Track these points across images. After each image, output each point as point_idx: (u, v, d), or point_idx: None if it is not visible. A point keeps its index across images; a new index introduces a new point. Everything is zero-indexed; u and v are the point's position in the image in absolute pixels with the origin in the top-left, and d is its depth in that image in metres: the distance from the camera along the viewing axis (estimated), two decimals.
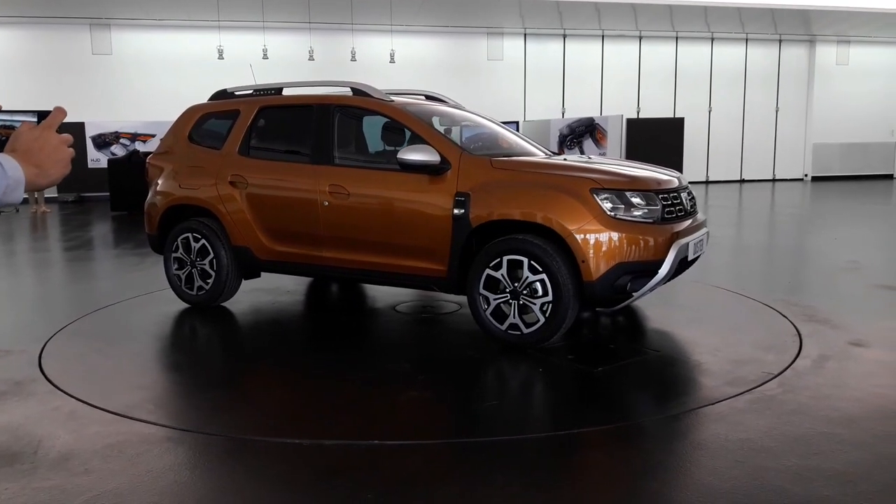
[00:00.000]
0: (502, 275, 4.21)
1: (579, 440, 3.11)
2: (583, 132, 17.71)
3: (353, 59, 15.26)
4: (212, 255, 5.28)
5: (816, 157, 20.89)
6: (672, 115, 19.38)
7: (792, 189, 18.00)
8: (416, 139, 4.59)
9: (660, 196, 4.24)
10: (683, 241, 4.25)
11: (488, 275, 4.25)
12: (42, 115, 2.49)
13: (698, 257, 4.64)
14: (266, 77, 17.60)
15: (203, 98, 5.88)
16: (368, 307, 5.68)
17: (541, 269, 4.09)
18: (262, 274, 5.61)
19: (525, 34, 18.92)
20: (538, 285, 4.12)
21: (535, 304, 4.15)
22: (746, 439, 2.96)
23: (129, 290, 6.20)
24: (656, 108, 19.53)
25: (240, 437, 3.11)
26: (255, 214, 5.14)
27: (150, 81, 16.74)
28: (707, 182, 20.06)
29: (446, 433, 3.28)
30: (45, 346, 4.50)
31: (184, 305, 5.54)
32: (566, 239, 4.04)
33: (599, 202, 4.05)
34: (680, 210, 4.41)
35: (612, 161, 5.20)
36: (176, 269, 5.47)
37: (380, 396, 3.64)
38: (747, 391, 3.52)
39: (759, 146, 20.75)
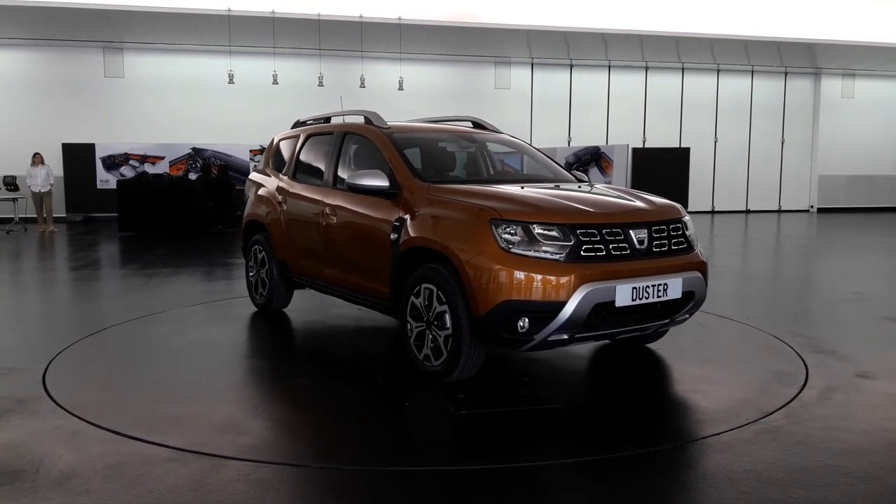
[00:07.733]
0: (420, 303, 4.13)
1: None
2: (588, 160, 17.80)
3: (363, 85, 15.41)
4: (267, 266, 5.94)
5: (822, 189, 20.93)
6: (678, 145, 19.46)
7: (798, 220, 18.00)
8: (384, 164, 4.66)
9: (578, 231, 3.78)
10: (604, 284, 3.71)
11: (412, 302, 4.20)
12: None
13: (678, 304, 4.07)
14: (274, 102, 17.64)
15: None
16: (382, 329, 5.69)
17: (445, 301, 3.94)
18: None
19: (532, 63, 19.10)
20: (446, 317, 3.95)
21: (440, 336, 3.99)
22: (752, 470, 2.94)
23: (135, 311, 6.22)
24: (662, 137, 19.62)
25: (242, 459, 3.09)
26: (289, 232, 5.65)
27: (161, 104, 16.94)
28: (713, 212, 20.08)
29: (236, 450, 3.18)
30: (49, 364, 4.50)
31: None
32: (459, 270, 3.84)
33: (495, 233, 3.76)
34: (619, 247, 3.85)
35: (597, 189, 4.73)
36: (251, 276, 6.26)
37: (220, 404, 3.85)
38: (752, 422, 3.50)
39: (764, 177, 20.80)
